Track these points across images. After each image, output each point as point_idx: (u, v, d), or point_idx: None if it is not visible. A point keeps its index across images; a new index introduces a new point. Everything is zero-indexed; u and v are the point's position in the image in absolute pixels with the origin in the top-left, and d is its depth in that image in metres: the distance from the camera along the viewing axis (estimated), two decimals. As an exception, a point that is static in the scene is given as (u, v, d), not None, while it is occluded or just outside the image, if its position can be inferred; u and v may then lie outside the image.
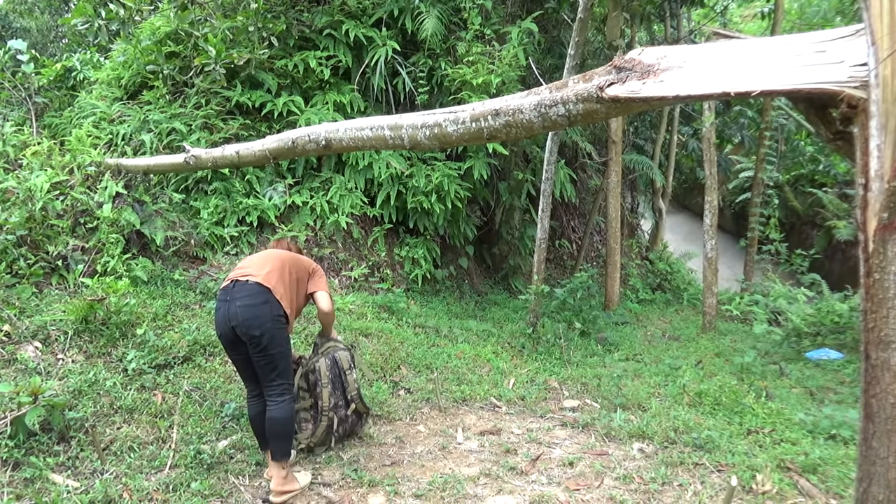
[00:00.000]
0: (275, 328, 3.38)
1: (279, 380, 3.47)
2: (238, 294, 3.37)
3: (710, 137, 8.92)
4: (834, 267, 13.90)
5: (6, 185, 5.39)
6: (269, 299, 3.40)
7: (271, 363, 3.42)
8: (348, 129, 3.58)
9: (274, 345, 3.38)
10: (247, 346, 3.38)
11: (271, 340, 3.36)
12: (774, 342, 7.65)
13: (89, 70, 8.19)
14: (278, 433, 3.43)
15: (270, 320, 3.37)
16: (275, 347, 3.39)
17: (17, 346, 4.16)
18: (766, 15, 12.76)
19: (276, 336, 3.39)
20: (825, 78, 1.92)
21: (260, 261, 3.61)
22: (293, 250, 3.96)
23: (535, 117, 2.58)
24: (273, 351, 3.39)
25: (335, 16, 7.60)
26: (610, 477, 3.80)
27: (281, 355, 3.45)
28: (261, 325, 3.32)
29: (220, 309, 3.41)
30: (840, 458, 3.96)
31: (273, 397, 3.46)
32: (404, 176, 7.36)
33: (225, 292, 3.43)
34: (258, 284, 3.41)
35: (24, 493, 3.14)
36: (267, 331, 3.34)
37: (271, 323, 3.37)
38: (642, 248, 13.85)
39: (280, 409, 3.44)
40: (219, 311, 3.42)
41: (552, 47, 9.61)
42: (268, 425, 3.45)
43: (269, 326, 3.35)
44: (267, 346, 3.35)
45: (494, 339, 6.84)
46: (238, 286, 3.41)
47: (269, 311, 3.37)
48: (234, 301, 3.34)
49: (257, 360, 3.41)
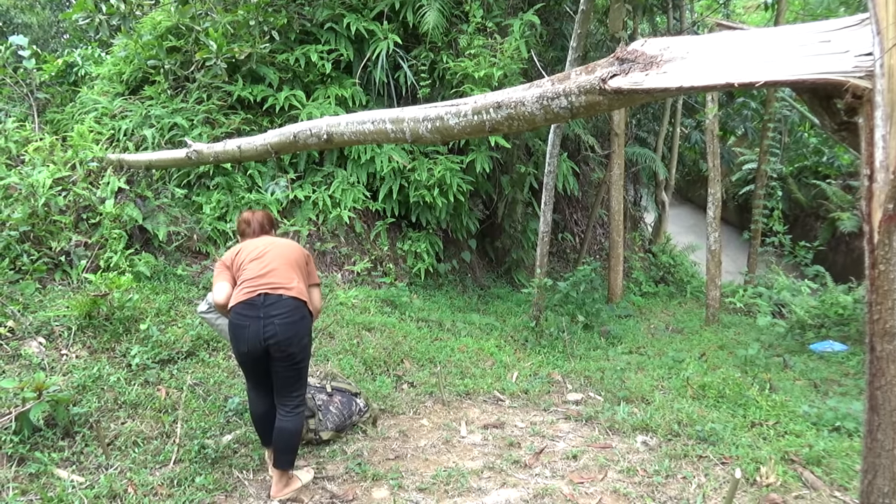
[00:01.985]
0: (309, 342, 3.35)
1: (298, 391, 3.39)
2: (275, 311, 3.18)
3: (713, 129, 8.89)
4: (838, 258, 13.85)
5: (9, 181, 5.39)
6: (305, 314, 3.31)
7: (297, 375, 3.34)
8: (350, 122, 3.57)
9: (305, 357, 3.33)
10: (273, 360, 3.25)
11: (305, 354, 3.31)
12: (778, 334, 7.64)
13: (90, 65, 8.18)
14: (289, 445, 3.34)
15: (307, 335, 3.31)
16: (305, 360, 3.35)
17: (21, 341, 4.17)
18: (770, 5, 12.69)
19: (307, 349, 3.34)
20: (830, 68, 1.90)
21: (278, 263, 3.35)
22: (269, 227, 3.71)
23: (537, 110, 2.57)
24: (303, 364, 3.34)
25: (336, 9, 7.57)
26: (614, 470, 3.80)
27: (306, 367, 3.41)
28: (300, 341, 3.24)
29: (250, 326, 3.17)
30: (844, 449, 3.95)
31: (288, 408, 3.35)
32: (406, 170, 7.34)
33: (253, 307, 3.20)
34: (294, 299, 3.25)
35: (29, 488, 3.15)
36: (304, 347, 3.28)
37: (308, 338, 3.32)
38: (645, 240, 13.82)
39: (294, 421, 3.34)
40: (247, 329, 3.17)
41: (554, 39, 9.57)
42: (278, 436, 3.33)
43: (306, 342, 3.29)
44: (300, 361, 3.30)
45: (497, 333, 6.83)
46: (271, 300, 3.20)
47: (307, 327, 3.31)
48: (271, 318, 3.16)
49: (285, 373, 3.30)
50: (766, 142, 11.68)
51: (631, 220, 13.24)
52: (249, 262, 3.36)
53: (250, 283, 3.26)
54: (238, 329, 3.21)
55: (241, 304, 3.22)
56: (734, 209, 17.25)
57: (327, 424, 4.07)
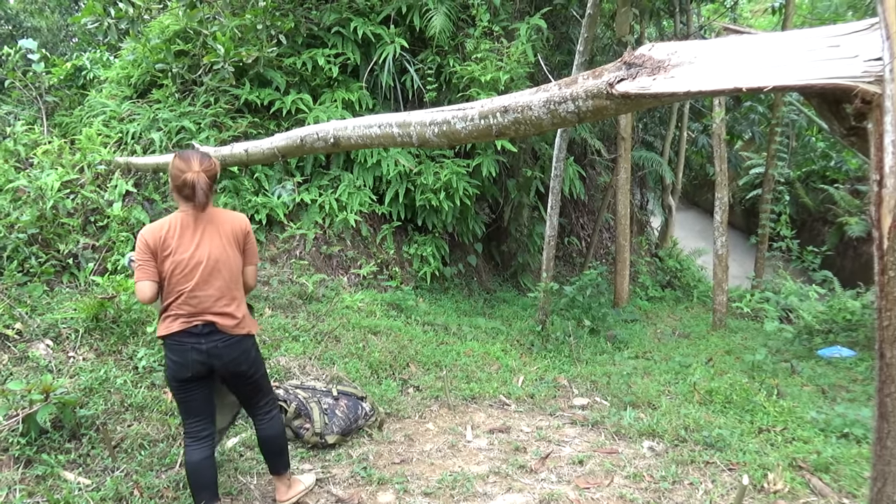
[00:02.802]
0: (258, 355, 3.16)
1: (265, 397, 3.24)
2: (217, 336, 2.93)
3: (720, 133, 8.86)
4: (846, 263, 13.78)
5: (18, 183, 5.43)
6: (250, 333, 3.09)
7: (256, 387, 3.17)
8: (357, 126, 3.57)
9: (257, 370, 3.14)
10: (225, 381, 3.11)
11: (256, 367, 3.12)
12: (786, 340, 7.60)
13: (99, 69, 8.23)
14: (279, 449, 3.26)
15: (253, 349, 3.11)
16: (258, 372, 3.16)
17: (28, 344, 4.19)
18: (777, 10, 12.67)
19: (258, 362, 3.15)
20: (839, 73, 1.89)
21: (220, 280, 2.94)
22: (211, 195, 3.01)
23: (544, 114, 2.56)
24: (258, 376, 3.15)
25: (343, 13, 7.59)
26: (620, 475, 3.78)
27: (264, 376, 3.24)
28: (248, 357, 3.05)
29: (189, 352, 2.89)
30: (853, 456, 3.92)
31: (261, 414, 3.23)
32: (413, 173, 7.35)
33: (192, 335, 2.90)
34: (231, 335, 2.96)
35: (35, 490, 3.16)
36: (254, 361, 3.09)
37: (255, 352, 3.13)
38: (652, 245, 13.78)
39: (272, 426, 3.23)
40: (187, 353, 2.89)
41: (561, 44, 9.57)
42: (264, 445, 3.25)
43: (254, 356, 3.10)
44: (252, 375, 3.11)
45: (503, 337, 6.82)
46: (210, 329, 2.92)
47: (251, 343, 3.10)
48: (214, 342, 2.92)
49: (243, 390, 3.16)
50: (773, 146, 11.64)
51: (637, 225, 13.21)
52: (183, 268, 2.89)
53: (186, 307, 2.88)
54: (179, 354, 2.91)
55: (181, 334, 2.90)
56: (741, 213, 17.20)
57: (333, 428, 4.06)
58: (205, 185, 2.89)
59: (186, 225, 2.94)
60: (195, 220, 2.95)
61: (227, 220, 3.05)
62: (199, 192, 2.87)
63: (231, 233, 3.02)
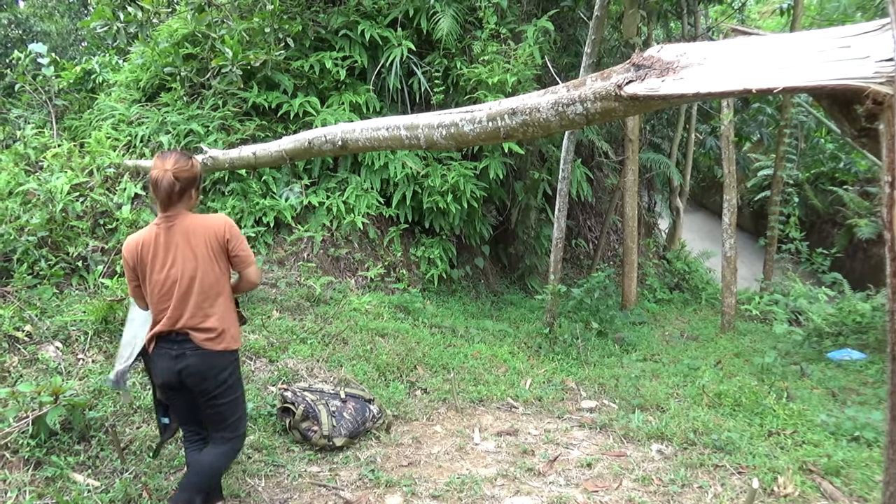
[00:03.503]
0: (231, 377, 2.87)
1: (227, 430, 2.93)
2: (185, 346, 2.79)
3: (728, 135, 8.83)
4: (855, 265, 13.69)
5: (28, 187, 5.46)
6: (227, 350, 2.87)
7: (219, 414, 2.90)
8: (364, 129, 3.58)
9: (224, 395, 2.86)
10: (193, 394, 2.88)
11: (223, 391, 2.84)
12: (795, 342, 7.55)
13: (108, 72, 8.28)
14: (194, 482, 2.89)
15: (227, 369, 2.85)
16: (226, 398, 2.87)
17: (38, 346, 4.21)
18: (785, 11, 12.60)
19: (229, 386, 2.87)
20: (849, 74, 1.88)
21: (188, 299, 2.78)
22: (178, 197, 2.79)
23: (552, 116, 2.56)
24: (224, 402, 2.87)
25: (351, 16, 7.61)
26: (628, 478, 3.77)
27: (234, 404, 2.91)
28: (216, 376, 2.81)
29: (162, 357, 2.83)
30: (864, 460, 3.90)
31: (216, 440, 2.95)
32: (420, 176, 7.35)
33: (167, 340, 2.81)
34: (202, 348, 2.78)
35: (45, 491, 3.17)
36: (222, 383, 2.83)
37: (228, 373, 2.85)
38: (659, 247, 13.73)
39: (211, 454, 2.92)
40: (159, 358, 2.84)
41: (568, 46, 9.56)
42: (193, 467, 2.97)
43: (225, 378, 2.83)
44: (217, 397, 2.84)
45: (511, 340, 6.81)
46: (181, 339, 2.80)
47: (226, 361, 2.85)
48: (185, 349, 2.79)
49: (206, 410, 2.91)
50: (782, 147, 11.58)
51: (645, 227, 13.17)
52: (160, 288, 2.80)
53: (169, 320, 2.79)
54: (154, 358, 2.87)
55: (159, 337, 2.83)
56: (750, 215, 17.12)
57: (341, 431, 4.06)
58: (167, 185, 2.72)
59: (160, 239, 2.78)
60: (167, 231, 2.78)
61: (202, 229, 2.79)
62: (160, 191, 2.73)
63: (206, 242, 2.78)
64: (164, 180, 2.73)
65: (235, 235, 2.87)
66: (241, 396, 2.97)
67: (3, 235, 4.89)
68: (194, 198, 2.89)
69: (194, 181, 2.85)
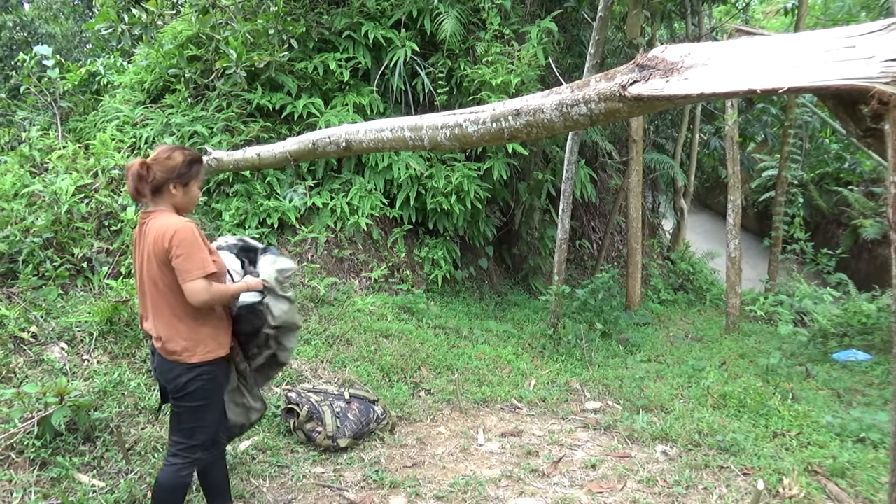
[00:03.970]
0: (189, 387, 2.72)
1: (180, 439, 2.82)
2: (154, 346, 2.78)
3: (732, 135, 8.81)
4: (860, 266, 13.65)
5: (33, 188, 5.47)
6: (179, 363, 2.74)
7: (178, 417, 2.83)
8: (368, 130, 3.58)
9: (181, 400, 2.76)
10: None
11: (180, 396, 2.75)
12: (800, 343, 7.53)
13: (113, 74, 8.30)
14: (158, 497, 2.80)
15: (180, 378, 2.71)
16: (183, 404, 2.77)
17: (43, 347, 4.22)
18: (790, 11, 12.58)
19: (184, 395, 2.74)
20: (854, 74, 1.87)
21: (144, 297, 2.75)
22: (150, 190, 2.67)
23: (556, 117, 2.56)
24: (182, 407, 2.79)
25: (354, 17, 7.62)
26: (633, 480, 3.76)
27: (190, 414, 2.78)
28: (173, 380, 2.72)
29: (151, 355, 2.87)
30: (869, 461, 3.88)
31: (169, 454, 2.85)
32: (424, 177, 7.36)
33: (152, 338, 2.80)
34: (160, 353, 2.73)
35: (50, 492, 3.18)
36: (178, 389, 2.72)
37: (183, 382, 2.71)
38: (664, 247, 13.71)
39: (164, 473, 2.80)
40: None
41: (572, 46, 9.56)
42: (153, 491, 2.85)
43: (180, 385, 2.71)
44: (178, 400, 2.77)
45: (515, 340, 6.81)
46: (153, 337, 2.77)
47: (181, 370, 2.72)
48: (154, 351, 2.79)
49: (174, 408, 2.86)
50: (786, 148, 11.55)
51: (649, 227, 13.15)
52: (137, 282, 2.81)
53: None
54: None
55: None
56: (754, 216, 17.09)
57: (345, 432, 4.07)
58: (132, 175, 2.60)
59: (138, 234, 2.73)
60: (141, 228, 2.71)
61: (153, 232, 2.62)
62: (127, 182, 2.63)
63: (153, 246, 2.62)
64: (130, 170, 2.62)
65: (179, 244, 2.57)
66: (205, 407, 2.78)
67: (9, 237, 4.90)
68: (176, 193, 2.70)
69: (171, 174, 2.66)
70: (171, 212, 2.70)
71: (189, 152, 2.76)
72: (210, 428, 2.84)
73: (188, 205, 2.79)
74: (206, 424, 2.81)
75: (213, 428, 2.86)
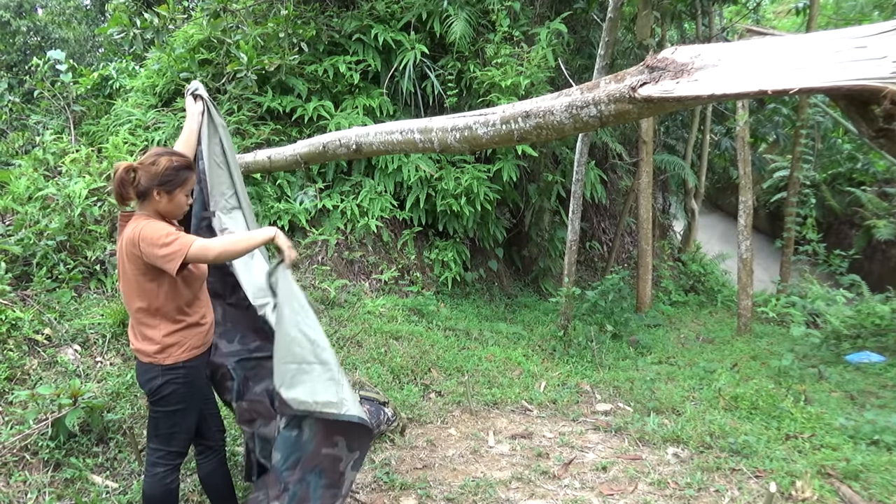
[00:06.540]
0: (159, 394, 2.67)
1: (152, 444, 2.76)
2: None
3: (743, 136, 8.77)
4: (874, 267, 13.54)
5: (47, 191, 5.52)
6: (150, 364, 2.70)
7: (153, 420, 2.76)
8: (378, 132, 3.59)
9: (154, 403, 2.71)
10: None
11: (153, 400, 2.70)
12: (813, 345, 7.48)
13: (125, 78, 8.36)
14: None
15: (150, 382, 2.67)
16: (155, 407, 2.72)
17: (57, 349, 4.26)
18: (801, 11, 12.50)
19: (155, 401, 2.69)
20: (866, 74, 1.86)
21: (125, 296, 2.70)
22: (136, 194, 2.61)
23: (566, 118, 2.56)
24: (155, 410, 2.73)
25: (364, 20, 7.65)
26: (644, 482, 3.75)
27: (161, 419, 2.72)
28: (145, 383, 2.68)
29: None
30: (883, 464, 3.85)
31: (146, 464, 2.80)
32: (433, 179, 7.37)
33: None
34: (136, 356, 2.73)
35: (64, 493, 3.21)
36: (151, 392, 2.68)
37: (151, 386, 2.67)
38: (674, 249, 13.65)
39: (146, 483, 2.77)
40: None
41: (581, 48, 9.54)
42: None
43: (152, 389, 2.67)
44: (151, 403, 2.73)
45: (525, 342, 6.80)
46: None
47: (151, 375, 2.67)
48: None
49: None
50: (798, 148, 11.47)
51: (660, 229, 13.10)
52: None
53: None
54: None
55: None
56: (766, 217, 16.98)
57: None
58: (117, 180, 2.53)
59: (118, 236, 2.68)
60: (121, 230, 2.66)
61: (125, 236, 2.59)
62: (113, 186, 2.56)
63: (125, 251, 2.58)
64: (115, 174, 2.54)
65: (144, 239, 2.50)
66: (181, 412, 2.72)
67: (23, 240, 4.95)
68: (160, 200, 2.61)
69: (153, 180, 2.57)
70: (151, 217, 2.61)
71: (177, 158, 2.66)
72: (188, 433, 2.80)
73: (173, 212, 2.69)
74: (184, 429, 2.77)
75: (191, 434, 2.83)
